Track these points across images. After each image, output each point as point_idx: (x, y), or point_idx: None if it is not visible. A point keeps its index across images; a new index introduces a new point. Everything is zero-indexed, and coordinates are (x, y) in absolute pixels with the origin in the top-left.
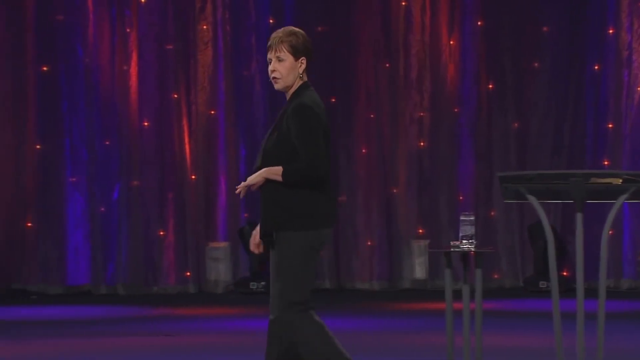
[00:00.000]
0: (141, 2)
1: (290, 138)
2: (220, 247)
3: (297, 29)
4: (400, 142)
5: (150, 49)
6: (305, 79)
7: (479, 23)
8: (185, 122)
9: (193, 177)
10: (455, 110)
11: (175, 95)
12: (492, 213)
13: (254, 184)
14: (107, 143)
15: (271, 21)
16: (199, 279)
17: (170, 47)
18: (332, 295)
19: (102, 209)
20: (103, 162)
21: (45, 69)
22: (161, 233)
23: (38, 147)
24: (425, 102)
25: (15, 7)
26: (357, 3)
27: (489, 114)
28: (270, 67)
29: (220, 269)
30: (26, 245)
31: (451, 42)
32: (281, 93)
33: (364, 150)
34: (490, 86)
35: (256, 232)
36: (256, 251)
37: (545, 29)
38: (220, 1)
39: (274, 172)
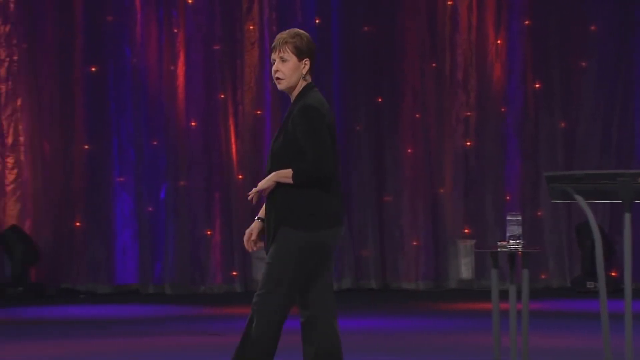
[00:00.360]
0: (188, 2)
1: (296, 139)
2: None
3: (301, 31)
4: (447, 142)
5: (198, 49)
6: (309, 79)
7: (526, 22)
8: (231, 122)
9: (240, 176)
10: (502, 109)
11: (222, 96)
12: (539, 213)
13: (265, 189)
14: (155, 143)
15: (317, 21)
16: (245, 278)
17: (217, 47)
18: (377, 295)
19: (150, 208)
20: (150, 162)
21: (93, 69)
22: (208, 233)
23: (86, 147)
24: (471, 102)
25: (64, 8)
26: (403, 3)
27: (535, 113)
28: (273, 68)
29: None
30: (75, 245)
31: (498, 42)
32: (329, 94)
33: (410, 150)
34: (537, 85)
35: (252, 229)
36: (250, 249)
37: (592, 27)
38: (267, 2)
39: (284, 175)
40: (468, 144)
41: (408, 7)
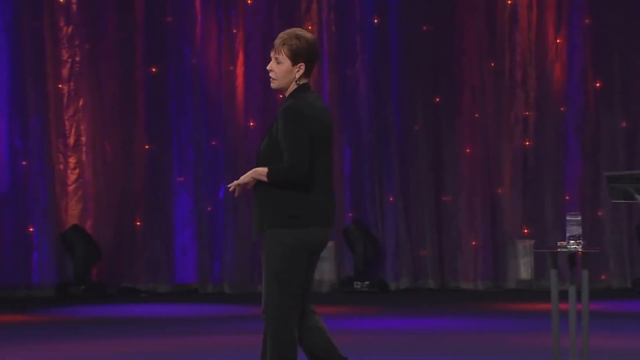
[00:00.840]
0: (248, 3)
1: (276, 141)
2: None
3: (303, 33)
4: (505, 142)
5: (256, 49)
6: (302, 82)
7: (587, 21)
8: None
9: None
10: (562, 109)
11: (281, 96)
12: (600, 213)
13: (246, 183)
14: (214, 143)
15: (376, 21)
16: None
17: None
18: (435, 295)
19: (209, 208)
20: (210, 162)
21: (154, 70)
22: None
23: (147, 147)
24: (530, 101)
25: (125, 9)
26: (462, 2)
27: (596, 113)
28: (268, 67)
29: (324, 268)
30: (135, 245)
31: (558, 41)
32: (387, 93)
33: (468, 150)
34: (598, 85)
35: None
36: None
37: None
38: (326, 1)
39: (260, 172)
40: (527, 143)
41: (467, 5)
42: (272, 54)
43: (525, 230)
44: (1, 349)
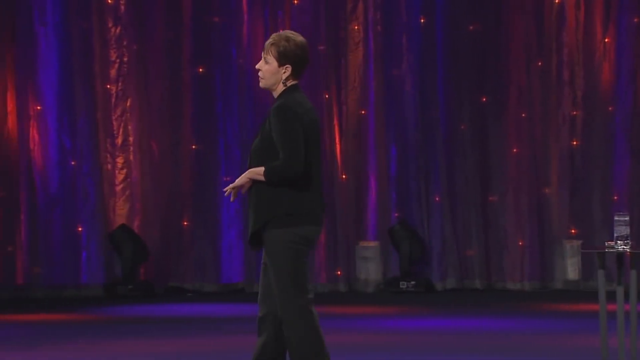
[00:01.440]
0: (294, 3)
1: (272, 138)
2: (370, 246)
3: (294, 36)
4: (553, 142)
5: None
6: (290, 84)
7: (635, 19)
8: (336, 122)
9: (344, 176)
10: (610, 109)
11: (327, 96)
12: None
13: (242, 186)
14: None
15: (422, 20)
16: (349, 277)
17: (322, 47)
18: (482, 296)
19: None
20: None
21: (201, 70)
22: None
23: (193, 147)
24: (578, 101)
25: (173, 9)
26: (509, 1)
27: None
28: (257, 65)
29: (370, 268)
30: (182, 244)
31: (606, 40)
32: (433, 93)
33: (515, 150)
34: None
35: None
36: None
37: None
38: (372, 1)
39: (257, 172)
40: (574, 143)
41: (514, 4)
42: (263, 54)
43: (573, 231)
44: (50, 348)
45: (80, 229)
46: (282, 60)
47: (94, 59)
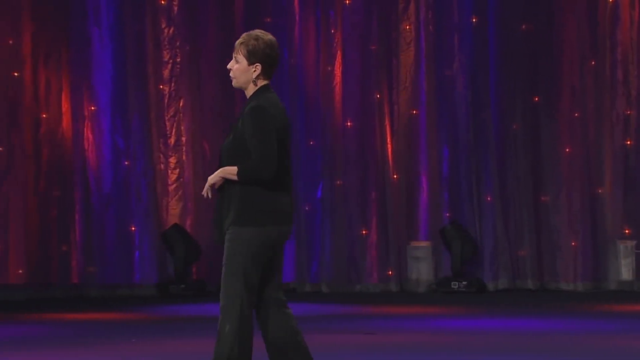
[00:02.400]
0: (346, 3)
1: (244, 138)
2: (421, 246)
3: (263, 35)
4: (606, 141)
5: (354, 49)
6: (261, 83)
7: None
8: (387, 121)
9: (395, 176)
10: None
11: (378, 95)
12: None
13: (214, 183)
14: (312, 143)
15: (474, 20)
16: (401, 277)
17: (374, 47)
18: (535, 296)
19: (307, 207)
20: (307, 162)
21: None
22: (364, 232)
23: None
24: (632, 100)
25: (225, 10)
26: (562, 0)
27: None
28: (228, 65)
29: (421, 268)
30: None
31: None
32: (485, 93)
33: (567, 150)
34: None
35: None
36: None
37: None
38: (424, 1)
39: (229, 171)
40: (628, 142)
41: (567, 4)
42: (233, 54)
43: (627, 231)
44: (103, 347)
45: (133, 228)
46: (251, 58)
47: (147, 59)
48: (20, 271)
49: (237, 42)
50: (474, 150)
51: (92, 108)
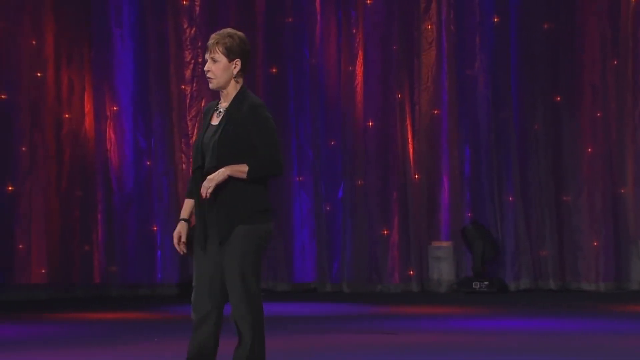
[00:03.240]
0: (367, 3)
1: (245, 136)
2: (443, 246)
3: (235, 32)
4: (628, 141)
5: (375, 49)
6: (241, 80)
7: None
8: (408, 121)
9: (416, 176)
10: None
11: (399, 95)
12: None
13: (218, 182)
14: (332, 143)
15: (496, 20)
16: (422, 277)
17: (395, 47)
18: (556, 296)
19: (328, 207)
20: (328, 162)
21: (274, 70)
22: (385, 232)
23: None
24: None
25: (246, 10)
26: None
27: None
28: (205, 67)
29: (442, 268)
30: None
31: None
32: (506, 92)
33: (589, 150)
34: None
35: (180, 232)
36: (182, 252)
37: None
38: (445, 1)
39: (238, 169)
40: None
41: (589, 3)
42: (207, 56)
43: None
44: (125, 346)
45: (155, 228)
46: (230, 55)
47: (169, 59)
48: (43, 271)
49: (210, 42)
50: (495, 150)
51: (114, 108)
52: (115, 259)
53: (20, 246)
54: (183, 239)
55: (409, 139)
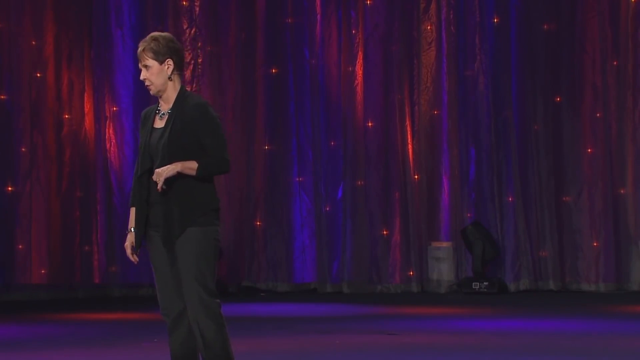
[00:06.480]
0: (367, 3)
1: (193, 136)
2: (443, 246)
3: (159, 34)
4: (629, 142)
5: (375, 49)
6: (177, 79)
7: None
8: (408, 122)
9: (416, 177)
10: None
11: (399, 96)
12: None
13: (168, 177)
14: (333, 143)
15: (496, 20)
16: (422, 278)
17: (395, 47)
18: (556, 297)
19: (327, 208)
20: (328, 162)
21: (274, 71)
22: (385, 232)
23: (267, 147)
24: None
25: (246, 11)
26: (584, 0)
27: None
28: (141, 76)
29: (442, 268)
30: (255, 244)
31: None
32: (506, 93)
33: (590, 150)
34: None
35: (132, 242)
36: (135, 261)
37: None
38: (445, 1)
39: (189, 166)
40: None
41: (589, 3)
42: (140, 65)
43: None
44: (126, 346)
45: None
46: (160, 57)
47: None
48: (43, 271)
49: (138, 51)
50: (496, 150)
51: (114, 109)
52: (116, 259)
53: (21, 246)
54: (136, 249)
55: (409, 139)
